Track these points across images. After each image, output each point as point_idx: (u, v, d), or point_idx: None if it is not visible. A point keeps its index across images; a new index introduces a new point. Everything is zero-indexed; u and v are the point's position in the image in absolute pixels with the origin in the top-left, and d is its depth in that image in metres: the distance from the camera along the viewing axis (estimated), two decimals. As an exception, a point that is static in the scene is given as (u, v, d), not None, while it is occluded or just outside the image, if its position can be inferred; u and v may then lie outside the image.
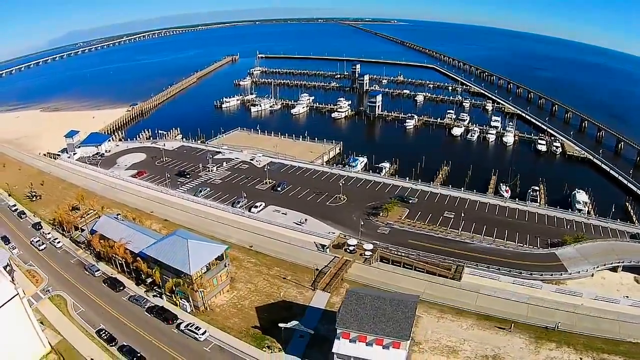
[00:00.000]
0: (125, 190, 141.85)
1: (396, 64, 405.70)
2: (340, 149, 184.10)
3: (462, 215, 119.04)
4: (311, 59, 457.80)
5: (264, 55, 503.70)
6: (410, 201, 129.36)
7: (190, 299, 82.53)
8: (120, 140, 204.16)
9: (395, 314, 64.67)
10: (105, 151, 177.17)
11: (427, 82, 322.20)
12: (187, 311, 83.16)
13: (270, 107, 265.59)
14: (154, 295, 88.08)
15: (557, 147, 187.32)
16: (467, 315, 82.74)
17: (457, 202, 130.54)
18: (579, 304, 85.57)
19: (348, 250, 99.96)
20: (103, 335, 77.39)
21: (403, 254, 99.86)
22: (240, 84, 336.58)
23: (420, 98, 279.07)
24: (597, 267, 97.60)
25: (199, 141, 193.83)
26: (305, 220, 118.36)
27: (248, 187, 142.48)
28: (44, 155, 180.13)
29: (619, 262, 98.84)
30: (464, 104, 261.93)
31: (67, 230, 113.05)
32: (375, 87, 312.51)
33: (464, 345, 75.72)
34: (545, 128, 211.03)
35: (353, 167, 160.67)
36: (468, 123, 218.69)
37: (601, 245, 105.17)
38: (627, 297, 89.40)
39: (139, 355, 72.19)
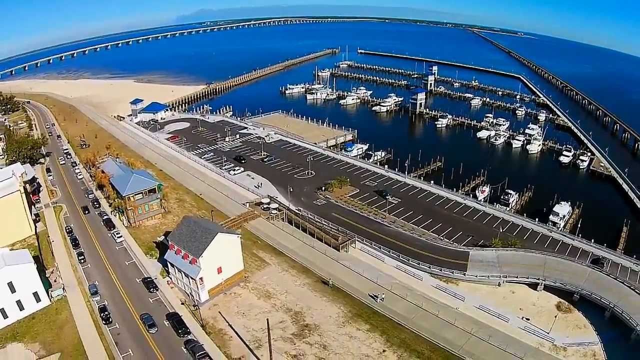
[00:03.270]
0: (151, 147, 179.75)
1: (479, 70, 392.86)
2: (353, 137, 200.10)
3: (389, 197, 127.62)
4: (402, 58, 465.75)
5: (363, 51, 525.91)
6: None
7: (126, 216, 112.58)
8: (183, 111, 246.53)
9: (200, 237, 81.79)
10: (160, 118, 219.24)
11: (497, 88, 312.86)
12: (124, 225, 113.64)
13: (325, 96, 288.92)
14: (115, 214, 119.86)
15: (582, 161, 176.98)
16: (310, 276, 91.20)
17: (412, 191, 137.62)
18: (453, 307, 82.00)
19: (262, 208, 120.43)
20: (67, 229, 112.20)
21: (301, 219, 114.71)
22: (319, 75, 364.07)
23: (475, 102, 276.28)
24: (507, 277, 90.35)
25: (238, 118, 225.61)
26: (261, 184, 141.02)
27: (245, 156, 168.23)
28: (114, 117, 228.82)
29: (537, 279, 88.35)
30: (517, 112, 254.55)
31: (89, 167, 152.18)
32: (440, 88, 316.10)
33: (281, 295, 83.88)
34: (585, 142, 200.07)
35: (348, 151, 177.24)
36: (507, 129, 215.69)
37: (531, 257, 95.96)
38: (528, 319, 79.98)
39: (77, 242, 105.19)
